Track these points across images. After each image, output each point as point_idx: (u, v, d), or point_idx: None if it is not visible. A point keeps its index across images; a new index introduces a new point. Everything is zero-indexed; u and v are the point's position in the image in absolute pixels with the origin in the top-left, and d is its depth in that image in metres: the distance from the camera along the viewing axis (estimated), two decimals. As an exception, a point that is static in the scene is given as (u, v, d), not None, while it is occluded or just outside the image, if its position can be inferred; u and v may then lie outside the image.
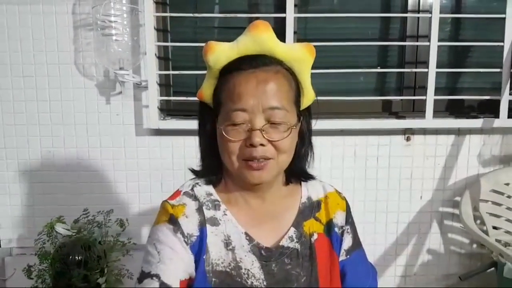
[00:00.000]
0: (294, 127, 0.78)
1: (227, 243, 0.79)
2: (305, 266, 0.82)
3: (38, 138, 1.79)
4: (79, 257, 1.47)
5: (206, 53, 0.78)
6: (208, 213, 0.81)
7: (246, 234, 0.80)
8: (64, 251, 1.48)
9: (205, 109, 0.83)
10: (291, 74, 0.80)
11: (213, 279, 0.77)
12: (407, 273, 1.92)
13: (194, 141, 1.84)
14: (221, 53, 0.77)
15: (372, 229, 1.88)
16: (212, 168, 0.84)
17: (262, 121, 0.74)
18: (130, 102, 1.77)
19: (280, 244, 0.82)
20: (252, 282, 0.78)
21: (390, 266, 1.92)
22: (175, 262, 0.75)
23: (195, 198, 0.82)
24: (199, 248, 0.77)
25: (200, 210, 0.80)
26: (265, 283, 0.78)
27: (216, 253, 0.78)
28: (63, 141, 1.79)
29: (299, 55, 0.79)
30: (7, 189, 1.81)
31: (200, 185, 0.84)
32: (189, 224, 0.78)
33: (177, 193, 0.84)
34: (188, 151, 1.80)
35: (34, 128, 1.78)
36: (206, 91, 0.82)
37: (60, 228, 1.47)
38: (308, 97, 0.83)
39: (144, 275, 0.75)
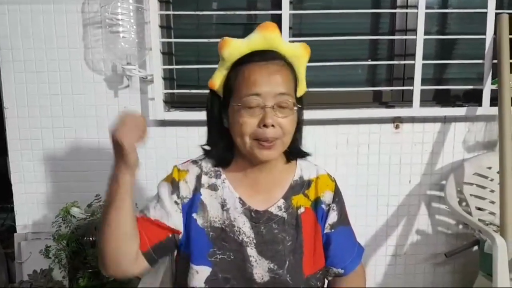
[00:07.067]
0: (295, 108, 0.92)
1: (223, 205, 0.95)
2: (290, 232, 0.95)
3: (51, 129, 1.88)
4: (93, 238, 1.58)
5: (222, 47, 0.91)
6: (210, 180, 0.98)
7: (240, 199, 0.95)
8: (79, 233, 1.59)
9: (214, 97, 0.97)
10: (291, 68, 0.94)
11: (211, 233, 0.94)
12: (398, 253, 2.03)
13: (197, 131, 1.95)
14: (234, 48, 0.91)
15: (363, 211, 1.97)
16: (220, 148, 0.97)
17: (273, 103, 0.88)
18: (136, 95, 1.87)
19: (269, 210, 0.96)
20: (242, 238, 0.93)
21: (381, 246, 2.02)
22: (162, 211, 0.94)
23: (199, 166, 0.98)
24: (189, 207, 0.95)
25: (199, 177, 0.97)
26: (254, 241, 0.93)
27: (213, 212, 0.96)
28: (75, 132, 1.88)
29: (299, 52, 0.95)
30: (22, 178, 1.91)
31: (209, 159, 0.99)
32: (186, 189, 0.96)
33: (188, 161, 1.02)
34: (191, 140, 1.90)
35: (47, 120, 1.87)
36: (217, 80, 0.95)
37: (75, 212, 1.59)
38: (302, 87, 0.98)
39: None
